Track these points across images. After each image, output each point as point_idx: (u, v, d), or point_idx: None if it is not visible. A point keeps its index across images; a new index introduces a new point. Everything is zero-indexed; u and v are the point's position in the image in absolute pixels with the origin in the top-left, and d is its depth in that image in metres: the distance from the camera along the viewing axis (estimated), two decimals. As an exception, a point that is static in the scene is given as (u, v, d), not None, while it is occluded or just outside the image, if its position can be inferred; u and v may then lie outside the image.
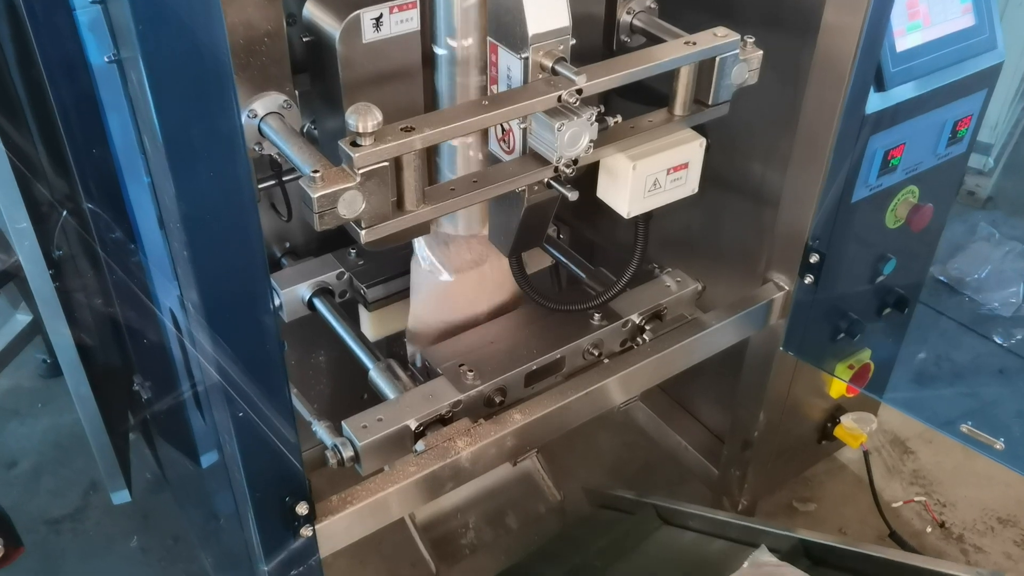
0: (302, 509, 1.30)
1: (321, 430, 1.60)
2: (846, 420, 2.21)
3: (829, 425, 2.25)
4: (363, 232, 1.27)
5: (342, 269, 1.88)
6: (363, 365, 1.73)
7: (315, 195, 1.18)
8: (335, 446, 1.53)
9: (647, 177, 1.50)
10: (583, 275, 1.87)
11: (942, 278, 3.19)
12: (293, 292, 1.84)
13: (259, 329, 1.14)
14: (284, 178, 1.79)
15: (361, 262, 1.90)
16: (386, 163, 1.22)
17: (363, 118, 1.18)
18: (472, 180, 1.37)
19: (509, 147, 1.47)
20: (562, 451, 2.51)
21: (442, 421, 1.58)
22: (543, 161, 1.39)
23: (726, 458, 2.22)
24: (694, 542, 1.80)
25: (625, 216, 1.52)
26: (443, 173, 1.56)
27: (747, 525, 1.79)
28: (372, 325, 1.90)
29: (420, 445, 1.53)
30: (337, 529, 1.42)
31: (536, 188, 1.46)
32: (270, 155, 1.72)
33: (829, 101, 1.62)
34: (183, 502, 2.28)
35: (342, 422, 1.55)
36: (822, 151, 1.67)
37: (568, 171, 1.40)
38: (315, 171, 1.19)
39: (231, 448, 1.20)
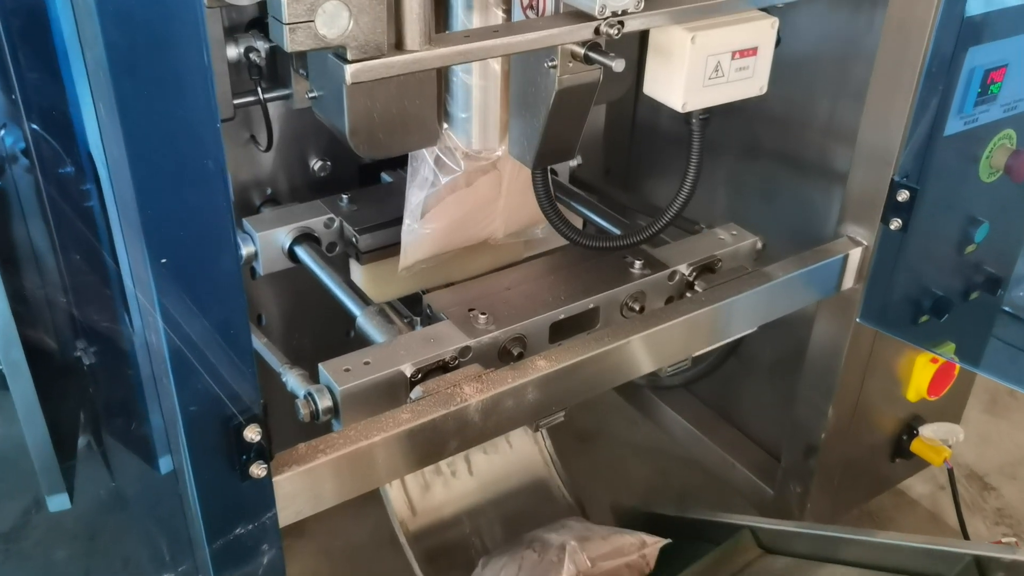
0: (252, 434, 0.95)
1: (292, 378, 1.28)
2: (925, 430, 1.86)
3: (904, 438, 1.89)
4: (350, 68, 0.97)
5: (331, 215, 1.57)
6: (351, 314, 1.41)
7: (285, -2, 0.89)
8: (308, 394, 1.20)
9: (708, 58, 1.21)
10: (616, 230, 1.57)
11: (1007, 308, 2.85)
12: (271, 237, 1.53)
13: (200, 174, 0.83)
14: (265, 95, 1.52)
15: (355, 207, 1.59)
16: (381, -30, 0.94)
17: (353, -102, 0.90)
18: (492, 30, 1.08)
19: (539, 12, 1.18)
20: (584, 476, 2.15)
21: (445, 369, 1.26)
22: (582, 18, 1.11)
23: (784, 471, 1.85)
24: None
25: (680, 109, 1.23)
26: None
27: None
28: (367, 282, 1.57)
29: (417, 391, 1.20)
30: (302, 486, 1.07)
31: (571, 64, 1.18)
32: (250, 59, 1.46)
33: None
34: (134, 512, 1.92)
35: (319, 365, 1.22)
36: (912, 65, 1.39)
37: (612, 32, 1.11)
38: (287, -32, 0.91)
39: (155, 333, 0.87)
